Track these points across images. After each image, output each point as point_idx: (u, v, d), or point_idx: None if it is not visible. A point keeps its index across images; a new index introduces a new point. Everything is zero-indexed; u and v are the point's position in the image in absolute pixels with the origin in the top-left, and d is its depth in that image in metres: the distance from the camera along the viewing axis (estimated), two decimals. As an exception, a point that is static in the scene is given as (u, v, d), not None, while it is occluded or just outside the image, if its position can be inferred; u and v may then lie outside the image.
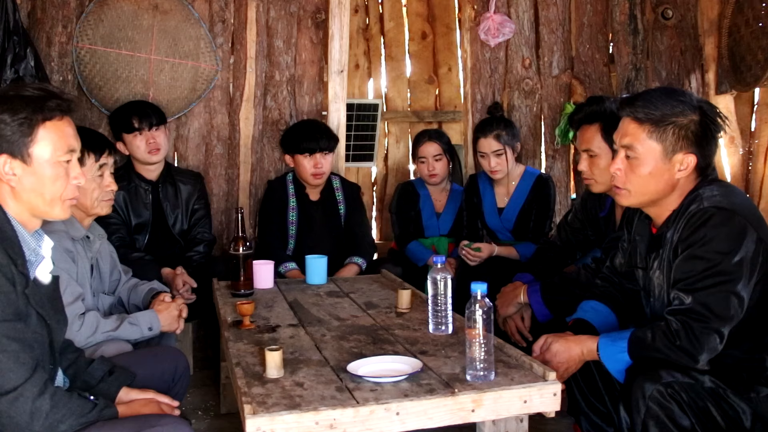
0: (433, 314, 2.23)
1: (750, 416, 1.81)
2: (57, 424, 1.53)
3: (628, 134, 1.92)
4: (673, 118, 1.86)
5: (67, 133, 1.65)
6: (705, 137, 1.88)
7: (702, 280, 1.81)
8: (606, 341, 1.95)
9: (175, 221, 3.37)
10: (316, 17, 3.88)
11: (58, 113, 1.63)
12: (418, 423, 1.69)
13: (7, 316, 1.51)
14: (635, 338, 1.88)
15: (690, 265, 1.83)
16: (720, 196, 1.85)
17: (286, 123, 3.82)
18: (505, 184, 3.53)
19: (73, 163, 1.68)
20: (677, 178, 1.90)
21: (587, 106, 2.65)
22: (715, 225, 1.80)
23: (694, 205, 1.86)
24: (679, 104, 1.87)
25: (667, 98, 1.88)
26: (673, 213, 1.94)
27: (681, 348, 1.80)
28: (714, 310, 1.78)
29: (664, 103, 1.87)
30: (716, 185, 1.90)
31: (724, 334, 1.80)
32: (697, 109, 1.87)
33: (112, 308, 2.49)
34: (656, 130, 1.87)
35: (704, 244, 1.81)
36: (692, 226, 1.84)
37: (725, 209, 1.81)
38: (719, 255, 1.79)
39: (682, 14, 3.94)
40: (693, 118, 1.86)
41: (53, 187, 1.64)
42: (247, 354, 2.05)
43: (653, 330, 1.85)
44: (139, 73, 3.56)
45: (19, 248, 1.60)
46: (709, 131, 1.88)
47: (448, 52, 5.63)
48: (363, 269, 3.36)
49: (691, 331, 1.79)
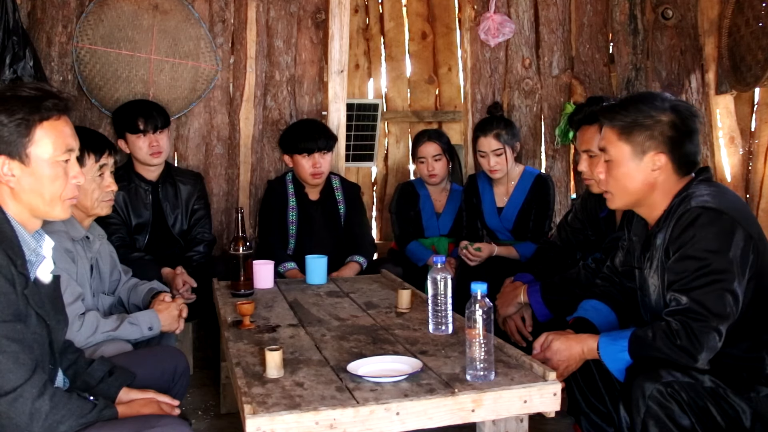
0: (433, 314, 2.23)
1: (750, 416, 1.82)
2: (56, 424, 1.53)
3: (604, 138, 2.04)
4: (642, 120, 1.95)
5: (65, 133, 1.65)
6: (677, 137, 1.94)
7: (696, 279, 1.83)
8: (606, 340, 1.96)
9: (175, 221, 3.36)
10: (316, 17, 3.89)
11: (55, 113, 1.62)
12: (418, 423, 1.69)
13: (7, 317, 1.51)
14: (636, 338, 1.89)
15: (682, 265, 1.87)
16: (708, 197, 1.88)
17: (286, 123, 3.83)
18: (505, 184, 3.53)
19: (71, 162, 1.67)
20: (654, 177, 1.96)
21: (587, 106, 2.65)
22: (703, 224, 1.84)
23: (682, 206, 1.91)
24: (650, 108, 1.95)
25: (639, 103, 1.99)
26: (663, 213, 1.98)
27: (681, 347, 1.81)
28: (710, 308, 1.80)
29: (635, 108, 1.97)
30: (705, 185, 1.95)
31: (722, 332, 1.82)
32: (669, 110, 1.94)
33: (112, 308, 2.49)
34: (625, 133, 1.97)
35: (694, 244, 1.84)
36: (680, 226, 1.88)
37: (712, 209, 1.85)
38: (710, 253, 1.82)
39: (682, 14, 3.94)
40: (662, 119, 1.94)
41: (52, 186, 1.63)
42: (247, 354, 2.05)
43: (654, 330, 1.86)
44: (139, 73, 3.56)
45: (18, 249, 1.60)
46: (681, 131, 1.94)
47: (448, 52, 5.62)
48: (364, 268, 3.36)
49: (690, 330, 1.80)
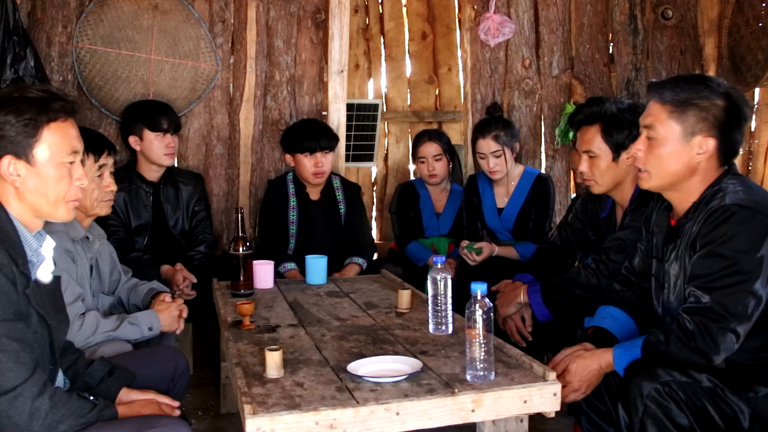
0: (433, 314, 2.23)
1: (748, 416, 1.80)
2: (56, 424, 1.53)
3: (651, 115, 1.95)
4: (696, 101, 1.88)
5: (71, 135, 1.66)
6: (728, 123, 1.89)
7: (721, 279, 1.80)
8: (620, 351, 1.94)
9: (175, 223, 3.37)
10: (316, 17, 3.89)
11: (62, 114, 1.64)
12: (418, 423, 1.69)
13: (8, 316, 1.51)
14: (648, 345, 1.88)
15: (709, 262, 1.82)
16: (743, 193, 1.84)
17: (286, 123, 3.82)
18: (505, 184, 3.53)
19: (76, 164, 1.68)
20: (697, 161, 1.91)
21: (587, 107, 2.64)
22: (737, 223, 1.79)
23: (716, 200, 1.86)
24: (705, 89, 1.89)
25: (694, 83, 1.92)
26: (693, 204, 1.93)
27: (696, 349, 1.79)
28: (731, 310, 1.77)
29: (690, 87, 1.90)
30: (739, 181, 1.90)
31: (740, 334, 1.79)
32: (723, 95, 1.89)
33: (112, 308, 2.49)
34: (677, 111, 1.89)
35: (725, 242, 1.80)
36: (713, 222, 1.83)
37: (747, 207, 1.80)
38: (739, 254, 1.78)
39: (682, 14, 3.94)
40: (717, 103, 1.88)
41: (57, 188, 1.64)
42: (247, 354, 2.05)
43: (666, 333, 1.85)
44: (139, 73, 3.56)
45: (20, 248, 1.60)
46: (733, 118, 1.89)
47: (448, 52, 5.62)
48: (364, 269, 3.36)
49: (707, 331, 1.78)
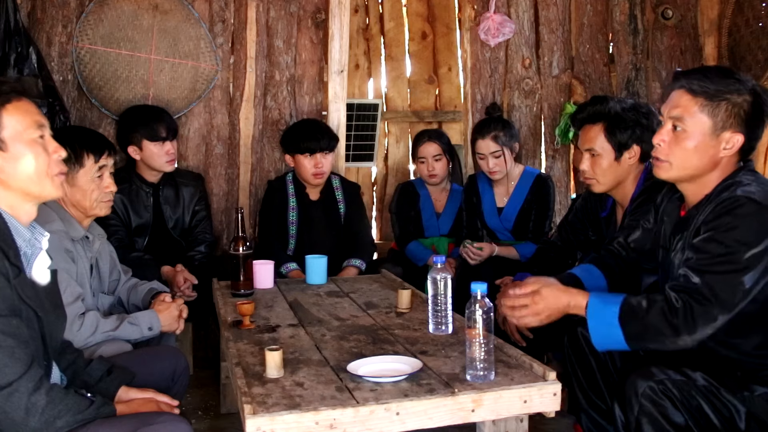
0: (433, 314, 2.23)
1: (744, 415, 1.79)
2: (53, 420, 1.52)
3: (680, 106, 1.89)
4: (728, 95, 1.85)
5: (31, 111, 1.67)
6: (755, 119, 1.87)
7: (715, 264, 1.78)
8: (596, 300, 1.89)
9: (175, 223, 3.36)
10: (316, 17, 3.89)
11: (14, 95, 1.65)
12: (418, 423, 1.69)
13: (2, 311, 1.51)
14: (628, 306, 1.83)
15: (707, 246, 1.80)
16: (755, 187, 1.82)
17: (286, 123, 3.82)
18: (505, 184, 3.53)
19: (47, 137, 1.69)
20: (721, 156, 1.88)
21: (591, 105, 2.62)
22: (743, 214, 1.78)
23: (726, 192, 1.84)
24: (736, 82, 1.86)
25: (724, 75, 1.88)
26: (705, 197, 1.91)
27: (673, 325, 1.76)
28: (720, 295, 1.75)
29: (721, 79, 1.86)
30: (751, 174, 1.88)
31: (719, 323, 1.76)
32: (751, 90, 1.87)
33: (111, 308, 2.48)
34: (709, 105, 1.85)
35: (727, 231, 1.78)
36: (719, 211, 1.81)
37: (756, 201, 1.78)
38: (739, 244, 1.76)
39: (682, 14, 3.94)
40: (747, 98, 1.85)
41: (36, 164, 1.65)
42: (247, 354, 2.05)
43: (649, 301, 1.81)
44: (139, 73, 3.56)
45: (11, 240, 1.60)
46: (760, 113, 1.87)
47: (448, 52, 5.62)
48: (362, 270, 3.36)
49: (691, 311, 1.75)
